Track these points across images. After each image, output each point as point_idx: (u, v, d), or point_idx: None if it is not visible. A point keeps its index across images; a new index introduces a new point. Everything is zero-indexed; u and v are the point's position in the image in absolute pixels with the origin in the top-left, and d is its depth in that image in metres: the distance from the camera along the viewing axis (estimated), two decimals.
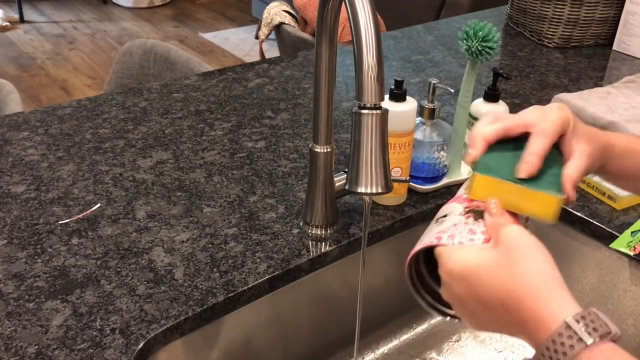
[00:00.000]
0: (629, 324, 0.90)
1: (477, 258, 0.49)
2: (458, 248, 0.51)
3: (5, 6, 4.72)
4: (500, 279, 0.47)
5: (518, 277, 0.47)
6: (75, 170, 0.97)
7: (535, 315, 0.45)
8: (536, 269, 0.47)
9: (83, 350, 0.66)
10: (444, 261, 0.51)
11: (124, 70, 1.66)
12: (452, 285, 0.51)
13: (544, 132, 0.56)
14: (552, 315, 0.44)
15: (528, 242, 0.49)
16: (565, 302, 0.45)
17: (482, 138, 0.58)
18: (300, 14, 2.17)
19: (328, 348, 0.93)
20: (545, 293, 0.45)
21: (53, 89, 3.60)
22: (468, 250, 0.51)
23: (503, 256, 0.48)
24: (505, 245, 0.49)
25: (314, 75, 0.80)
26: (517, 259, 0.47)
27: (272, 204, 0.90)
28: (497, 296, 0.47)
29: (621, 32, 1.56)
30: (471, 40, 0.89)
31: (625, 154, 0.62)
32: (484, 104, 0.94)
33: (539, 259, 0.47)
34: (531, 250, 0.48)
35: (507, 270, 0.47)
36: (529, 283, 0.46)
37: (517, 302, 0.46)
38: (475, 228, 0.52)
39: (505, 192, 0.55)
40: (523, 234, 0.49)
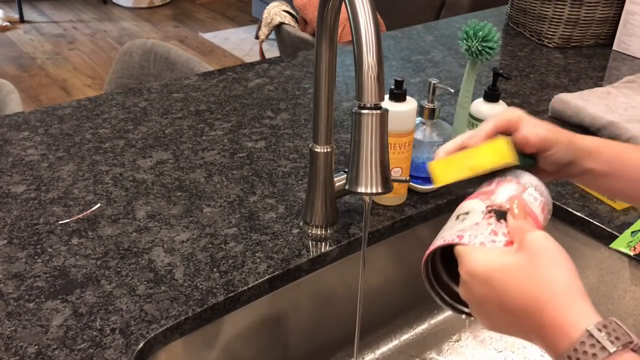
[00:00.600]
0: (629, 324, 0.90)
1: (500, 261, 0.49)
2: (480, 249, 0.51)
3: (5, 6, 4.72)
4: (524, 284, 0.47)
5: (542, 283, 0.46)
6: (75, 170, 0.97)
7: (556, 323, 0.45)
8: (560, 276, 0.47)
9: (83, 350, 0.66)
10: (465, 261, 0.51)
11: (124, 70, 1.66)
12: (472, 286, 0.51)
13: (489, 120, 0.62)
14: (574, 324, 0.44)
15: (553, 249, 0.49)
16: (587, 311, 0.45)
17: (442, 151, 0.63)
18: (300, 14, 2.17)
19: (328, 348, 0.93)
20: (568, 301, 0.45)
21: (53, 89, 3.60)
22: (491, 252, 0.50)
23: (527, 261, 0.48)
24: (530, 251, 0.48)
25: (314, 75, 0.80)
26: (542, 265, 0.47)
27: (272, 204, 0.90)
28: (519, 301, 0.47)
29: (621, 32, 1.56)
30: (471, 40, 0.89)
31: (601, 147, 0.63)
32: (484, 104, 0.94)
33: (562, 267, 0.47)
34: (556, 258, 0.48)
35: (531, 276, 0.47)
36: (552, 290, 0.46)
37: (539, 308, 0.46)
38: (498, 229, 0.52)
39: (459, 162, 0.59)
40: (548, 240, 0.49)
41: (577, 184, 0.98)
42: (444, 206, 0.94)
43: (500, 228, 0.52)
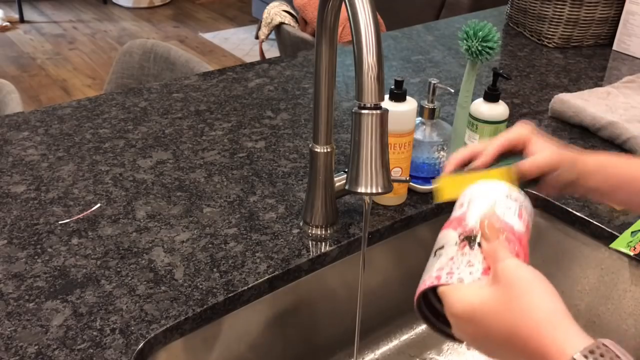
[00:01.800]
0: (629, 324, 0.89)
1: (479, 297, 0.49)
2: (459, 288, 0.51)
3: (5, 6, 4.72)
4: (503, 318, 0.47)
5: (521, 314, 0.46)
6: (75, 170, 0.97)
7: (542, 353, 0.44)
8: (537, 304, 0.46)
9: (83, 350, 0.66)
10: (448, 303, 0.51)
11: (124, 70, 1.66)
12: (459, 326, 0.51)
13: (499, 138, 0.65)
14: (559, 351, 0.43)
15: (526, 277, 0.48)
16: (571, 334, 0.44)
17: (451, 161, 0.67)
18: (300, 14, 2.17)
19: (328, 348, 0.93)
20: (549, 328, 0.45)
21: (53, 89, 3.60)
22: (469, 290, 0.51)
23: (503, 293, 0.48)
24: (504, 282, 0.48)
25: (314, 75, 0.80)
26: (517, 296, 0.47)
27: (272, 204, 0.90)
28: (503, 334, 0.47)
29: (621, 32, 1.56)
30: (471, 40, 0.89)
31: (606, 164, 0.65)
32: (484, 104, 0.94)
33: (539, 293, 0.47)
34: (530, 285, 0.48)
35: (508, 307, 0.47)
36: (531, 319, 0.46)
37: (523, 340, 0.46)
38: (473, 258, 0.53)
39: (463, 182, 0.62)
40: (520, 268, 0.49)
41: None
42: (444, 206, 0.94)
43: (476, 256, 0.53)
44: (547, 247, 0.97)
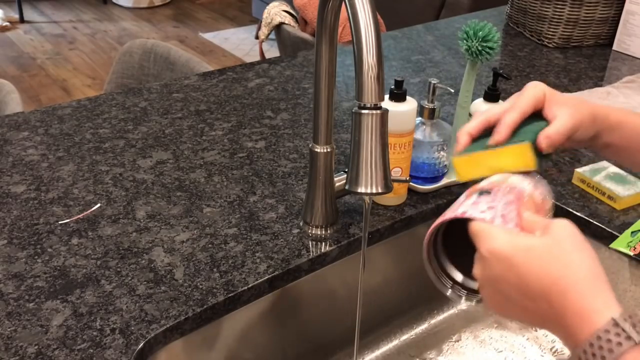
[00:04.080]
0: None
1: (525, 242, 0.48)
2: (503, 229, 0.50)
3: (5, 6, 4.72)
4: (549, 266, 0.46)
5: (568, 267, 0.46)
6: (75, 170, 0.97)
7: (579, 309, 0.44)
8: (586, 263, 0.46)
9: (83, 350, 0.66)
10: (487, 238, 0.49)
11: (124, 70, 1.66)
12: (491, 264, 0.49)
13: (515, 107, 0.60)
14: (597, 312, 0.43)
15: (577, 236, 0.48)
16: (611, 301, 0.44)
17: (464, 132, 0.62)
18: (300, 14, 2.17)
19: (328, 348, 0.93)
20: (593, 288, 0.44)
21: (53, 89, 3.60)
22: (516, 233, 0.49)
23: (554, 245, 0.47)
24: (556, 235, 0.48)
25: (314, 75, 0.80)
26: (568, 249, 0.47)
27: (272, 204, 0.90)
28: (542, 282, 0.46)
29: (621, 32, 1.56)
30: (471, 40, 0.89)
31: (624, 123, 0.62)
32: (484, 104, 0.94)
33: (587, 254, 0.47)
34: (581, 244, 0.47)
35: (557, 258, 0.46)
36: (577, 275, 0.45)
37: (562, 292, 0.45)
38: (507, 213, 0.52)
39: (482, 161, 0.59)
40: (574, 227, 0.49)
41: (577, 184, 0.98)
42: (444, 206, 0.94)
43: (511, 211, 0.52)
44: None
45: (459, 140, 0.62)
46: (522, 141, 0.57)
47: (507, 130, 0.59)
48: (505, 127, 0.59)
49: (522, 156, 0.58)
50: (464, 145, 0.61)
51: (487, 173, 0.58)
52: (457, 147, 0.62)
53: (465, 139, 0.61)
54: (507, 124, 0.59)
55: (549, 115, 0.60)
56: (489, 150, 0.59)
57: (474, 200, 0.54)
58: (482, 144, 0.60)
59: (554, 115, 0.59)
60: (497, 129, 0.59)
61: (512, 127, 0.59)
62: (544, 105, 0.61)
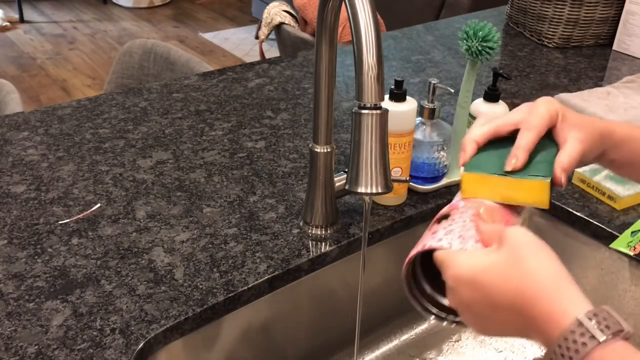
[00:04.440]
0: (629, 324, 0.89)
1: (483, 261, 0.49)
2: (461, 252, 0.51)
3: (5, 6, 4.72)
4: (511, 279, 0.47)
5: (528, 275, 0.46)
6: (75, 170, 0.97)
7: (547, 313, 0.44)
8: (546, 266, 0.46)
9: (83, 350, 0.66)
10: (449, 265, 0.50)
11: (124, 70, 1.66)
12: (459, 290, 0.50)
13: (530, 126, 0.58)
14: (564, 312, 0.43)
15: (534, 241, 0.48)
16: (576, 298, 0.44)
17: (471, 141, 0.60)
18: (300, 14, 2.17)
19: (328, 348, 0.93)
20: (555, 289, 0.45)
21: (53, 89, 3.60)
22: (473, 254, 0.50)
23: (510, 256, 0.48)
24: (511, 245, 0.48)
25: (314, 75, 0.80)
26: (526, 257, 0.47)
27: (272, 204, 0.90)
28: (508, 296, 0.46)
29: (621, 32, 1.56)
30: (471, 40, 0.89)
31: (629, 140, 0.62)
32: (484, 104, 0.94)
33: (545, 257, 0.47)
34: (537, 249, 0.48)
35: (517, 269, 0.47)
36: (539, 280, 0.45)
37: (528, 300, 0.45)
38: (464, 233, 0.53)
39: (495, 186, 0.56)
40: (527, 234, 0.49)
41: (577, 184, 0.98)
42: (444, 206, 0.94)
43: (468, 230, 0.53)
44: None
45: (465, 148, 0.60)
46: (541, 176, 0.55)
47: (525, 155, 0.57)
48: (523, 151, 0.57)
49: (541, 193, 0.55)
50: (470, 155, 0.60)
51: (495, 199, 0.57)
52: (463, 156, 0.60)
53: (472, 148, 0.60)
54: (525, 147, 0.57)
55: (559, 137, 0.59)
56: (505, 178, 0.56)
57: (434, 229, 0.55)
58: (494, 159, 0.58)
59: (565, 139, 0.58)
60: (514, 152, 0.57)
61: (529, 152, 0.57)
62: (557, 124, 0.59)
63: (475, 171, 0.58)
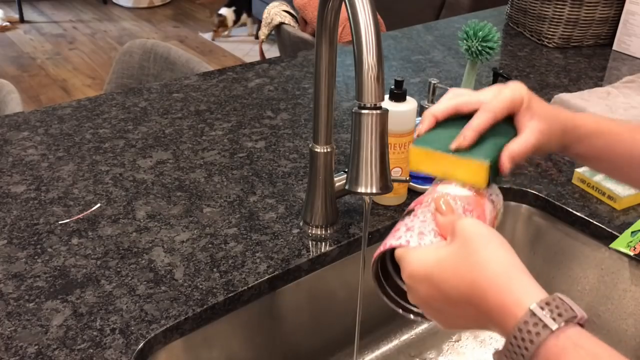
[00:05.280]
0: (629, 324, 0.89)
1: (435, 256, 0.49)
2: (416, 249, 0.51)
3: (5, 6, 4.72)
4: (461, 272, 0.47)
5: (479, 266, 0.46)
6: (75, 170, 0.97)
7: (500, 304, 0.44)
8: (496, 256, 0.46)
9: (83, 350, 0.66)
10: (404, 264, 0.51)
11: (124, 70, 1.66)
12: (415, 287, 0.50)
13: (488, 108, 0.58)
14: (517, 302, 0.43)
15: (483, 233, 0.48)
16: (528, 287, 0.44)
17: (430, 115, 0.60)
18: (300, 14, 2.17)
19: (328, 348, 0.93)
20: (507, 280, 0.45)
21: (53, 89, 3.60)
22: (426, 250, 0.50)
23: (460, 249, 0.48)
24: (461, 238, 0.48)
25: (314, 75, 0.80)
26: (475, 249, 0.47)
27: (272, 204, 0.90)
28: (461, 290, 0.47)
29: (621, 32, 1.56)
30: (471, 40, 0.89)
31: (592, 135, 0.62)
32: None
33: (495, 247, 0.47)
34: (488, 239, 0.47)
35: (466, 262, 0.47)
36: (490, 271, 0.45)
37: (481, 292, 0.45)
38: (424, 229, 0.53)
39: (438, 162, 0.57)
40: (478, 224, 0.49)
41: (577, 184, 0.98)
42: None
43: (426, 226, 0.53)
44: (547, 247, 0.97)
45: (423, 121, 0.60)
46: (483, 158, 0.55)
47: (473, 135, 0.57)
48: (472, 131, 0.57)
49: (477, 174, 0.56)
50: (426, 128, 0.60)
51: (437, 175, 0.59)
52: (419, 128, 0.60)
53: (429, 122, 0.60)
54: (476, 128, 0.57)
55: (519, 124, 0.59)
56: (448, 155, 0.57)
57: (396, 226, 0.55)
58: (445, 141, 0.58)
59: (523, 127, 0.58)
60: (463, 132, 0.57)
61: (479, 133, 0.57)
62: (520, 111, 0.59)
63: (423, 145, 0.58)
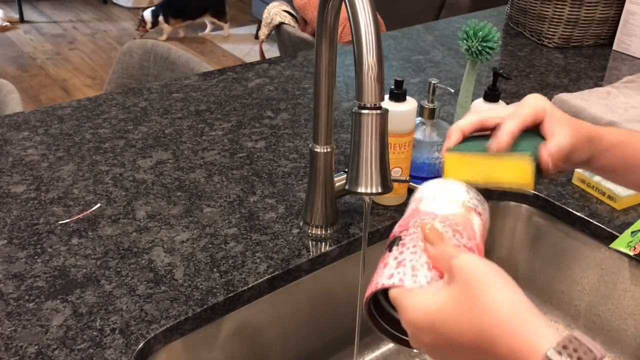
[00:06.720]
0: (629, 324, 0.89)
1: (435, 302, 0.45)
2: (413, 293, 0.47)
3: (5, 6, 4.72)
4: (467, 320, 0.43)
5: (484, 312, 0.43)
6: (75, 170, 0.97)
7: (513, 350, 0.41)
8: (500, 299, 0.43)
9: (83, 350, 0.66)
10: (402, 310, 0.47)
11: (124, 70, 1.67)
12: (418, 335, 0.47)
13: (514, 115, 0.58)
14: (531, 348, 0.40)
15: (484, 272, 0.45)
16: (541, 329, 0.41)
17: (457, 129, 0.60)
18: (300, 14, 2.17)
19: (328, 348, 0.93)
20: (517, 324, 0.42)
21: (53, 89, 3.60)
22: (424, 295, 0.47)
23: (461, 294, 0.44)
24: (461, 280, 0.45)
25: (314, 75, 0.80)
26: (478, 294, 0.43)
27: (272, 204, 0.90)
28: (469, 337, 0.43)
29: (621, 32, 1.56)
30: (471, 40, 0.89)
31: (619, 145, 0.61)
32: (484, 104, 0.94)
33: (498, 288, 0.44)
34: (489, 280, 0.44)
35: (470, 308, 0.43)
36: (496, 317, 0.42)
37: (491, 341, 0.42)
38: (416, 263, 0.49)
39: (478, 166, 0.56)
40: (475, 263, 0.45)
41: (577, 184, 0.98)
42: None
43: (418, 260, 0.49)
44: (547, 247, 0.97)
45: (450, 136, 0.59)
46: (524, 153, 0.54)
47: (508, 137, 0.56)
48: (507, 134, 0.56)
49: (523, 171, 0.54)
50: (454, 142, 0.59)
51: (479, 180, 0.55)
52: (447, 143, 0.59)
53: (457, 136, 0.59)
54: (509, 131, 0.56)
55: (547, 132, 0.58)
56: (488, 156, 0.55)
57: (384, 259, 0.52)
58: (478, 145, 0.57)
59: (552, 132, 0.57)
60: (498, 135, 0.56)
61: (514, 136, 0.56)
62: (544, 120, 0.58)
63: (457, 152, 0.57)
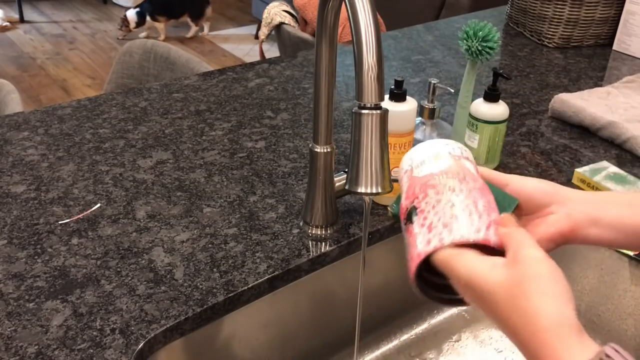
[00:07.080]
0: (629, 324, 0.90)
1: (489, 276, 0.46)
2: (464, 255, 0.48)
3: (5, 6, 4.72)
4: (507, 311, 0.44)
5: (525, 316, 0.43)
6: (75, 170, 0.97)
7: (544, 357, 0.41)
8: (547, 309, 0.43)
9: (83, 350, 0.66)
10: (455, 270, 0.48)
11: (124, 70, 1.67)
12: (466, 294, 0.48)
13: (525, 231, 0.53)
14: None
15: (546, 275, 0.44)
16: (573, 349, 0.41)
17: None
18: (300, 14, 2.17)
19: (328, 348, 0.93)
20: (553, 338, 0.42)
21: (53, 89, 3.60)
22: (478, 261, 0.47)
23: (518, 286, 0.44)
24: (523, 273, 0.45)
25: (314, 75, 0.80)
26: (531, 293, 0.43)
27: (272, 204, 0.90)
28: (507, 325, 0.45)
29: (621, 32, 1.56)
30: (471, 40, 0.89)
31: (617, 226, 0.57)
32: (484, 103, 0.94)
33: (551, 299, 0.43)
34: (548, 284, 0.44)
35: (515, 304, 0.44)
36: (536, 324, 0.42)
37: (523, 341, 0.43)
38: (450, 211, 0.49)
39: None
40: (541, 263, 0.45)
41: (577, 184, 0.98)
42: None
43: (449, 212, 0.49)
44: None
45: None
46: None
47: None
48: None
49: None
50: None
51: None
52: None
53: None
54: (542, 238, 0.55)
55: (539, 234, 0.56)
56: None
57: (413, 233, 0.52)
58: None
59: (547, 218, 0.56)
60: None
61: None
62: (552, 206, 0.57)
63: None
